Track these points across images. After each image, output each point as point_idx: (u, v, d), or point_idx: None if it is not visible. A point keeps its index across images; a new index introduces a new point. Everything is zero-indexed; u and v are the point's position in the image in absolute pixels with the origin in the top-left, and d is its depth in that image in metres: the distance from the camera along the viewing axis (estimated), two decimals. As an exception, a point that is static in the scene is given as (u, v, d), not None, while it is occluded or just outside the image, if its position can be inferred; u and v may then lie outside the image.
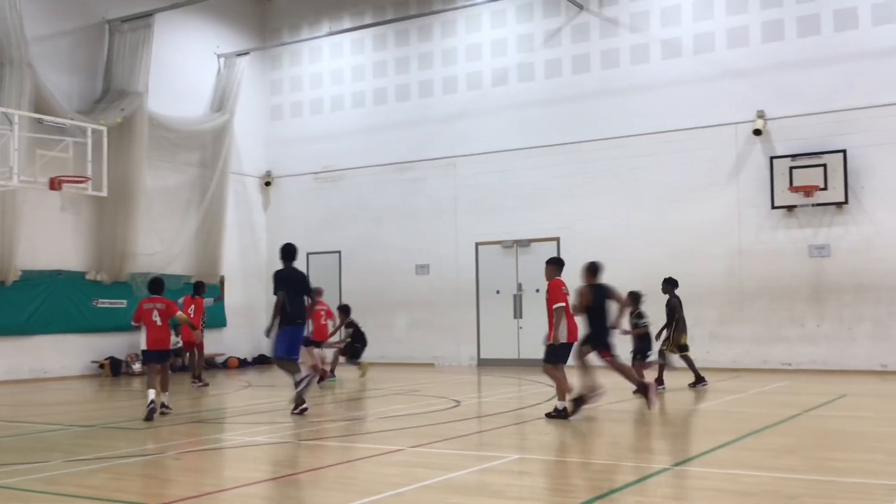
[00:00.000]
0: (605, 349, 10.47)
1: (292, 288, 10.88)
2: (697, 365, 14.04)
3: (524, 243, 19.97)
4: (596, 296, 10.39)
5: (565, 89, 19.77)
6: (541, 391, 13.85)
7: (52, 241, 18.22)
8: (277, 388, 15.57)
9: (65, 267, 18.32)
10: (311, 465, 7.79)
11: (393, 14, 21.75)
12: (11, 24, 16.94)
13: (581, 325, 10.38)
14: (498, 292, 20.28)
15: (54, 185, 14.54)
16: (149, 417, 10.56)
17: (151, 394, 10.74)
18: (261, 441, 9.26)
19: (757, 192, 17.71)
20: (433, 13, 21.26)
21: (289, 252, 11.18)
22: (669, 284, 14.11)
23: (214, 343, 21.59)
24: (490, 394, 13.90)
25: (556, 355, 10.19)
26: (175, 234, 20.79)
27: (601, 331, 10.42)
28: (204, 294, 16.16)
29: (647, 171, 18.73)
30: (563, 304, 9.98)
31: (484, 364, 20.12)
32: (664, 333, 13.59)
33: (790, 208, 17.34)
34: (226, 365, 21.27)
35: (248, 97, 22.79)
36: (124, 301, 18.89)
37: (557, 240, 19.59)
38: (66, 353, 17.10)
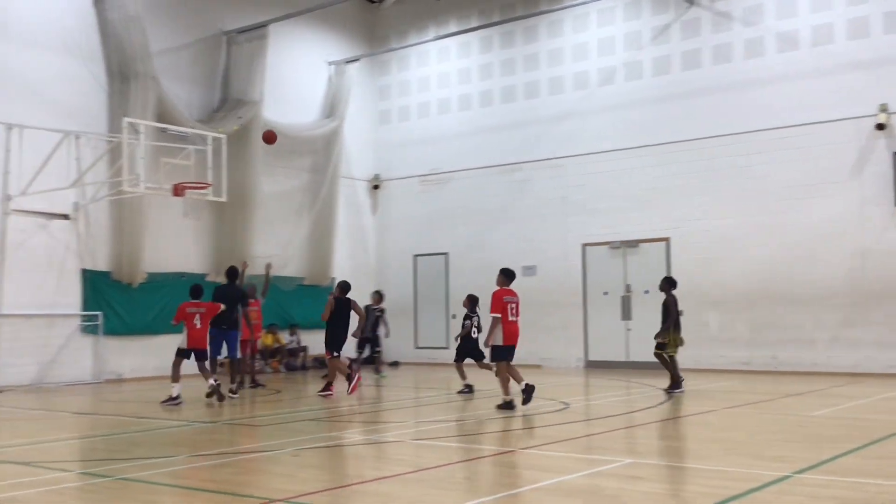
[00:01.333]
0: (328, 350, 13.60)
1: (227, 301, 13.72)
2: (816, 369, 13.54)
3: (632, 244, 19.69)
4: (338, 307, 13.47)
5: (675, 87, 19.39)
6: (651, 394, 13.65)
7: (176, 245, 19.07)
8: (388, 388, 15.86)
9: (187, 269, 19.14)
10: (424, 464, 7.92)
11: (499, 16, 21.82)
12: (137, 40, 17.82)
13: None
14: (606, 293, 20.05)
15: (177, 191, 15.24)
16: (174, 402, 12.43)
17: (176, 388, 12.56)
18: (374, 439, 9.47)
19: (880, 189, 16.94)
20: (539, 14, 21.21)
21: (231, 273, 14.28)
22: (668, 284, 14.02)
23: (320, 343, 22.10)
24: (599, 396, 13.78)
25: (499, 356, 11.43)
26: (289, 237, 21.44)
27: (332, 335, 13.54)
28: (255, 296, 16.18)
29: (762, 168, 18.18)
30: (499, 314, 11.34)
31: (591, 366, 19.93)
32: (663, 333, 13.52)
33: (917, 206, 16.53)
34: (336, 364, 21.73)
35: (358, 103, 23.28)
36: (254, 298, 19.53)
37: (667, 240, 19.24)
38: (188, 353, 17.80)
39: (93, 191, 17.31)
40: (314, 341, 21.71)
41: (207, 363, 13.26)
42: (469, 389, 13.63)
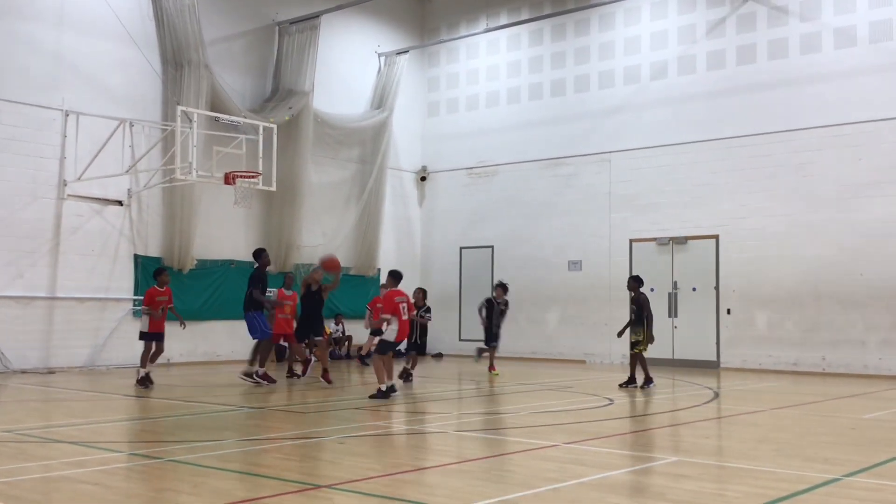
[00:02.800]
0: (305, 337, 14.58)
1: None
2: (867, 372, 13.29)
3: (681, 241, 19.48)
4: (309, 296, 14.54)
5: (728, 81, 19.11)
6: (696, 393, 13.52)
7: (225, 233, 19.35)
8: (430, 378, 15.91)
9: (236, 257, 19.41)
10: (466, 455, 7.94)
11: (550, 9, 21.70)
12: (191, 29, 18.08)
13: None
14: (652, 290, 19.80)
15: (229, 179, 15.45)
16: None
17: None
18: (417, 430, 9.52)
19: (939, 189, 16.53)
20: (591, 7, 21.05)
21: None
22: (636, 282, 14.26)
23: (365, 333, 22.25)
24: (643, 393, 13.65)
25: (385, 349, 12.29)
26: (336, 227, 21.61)
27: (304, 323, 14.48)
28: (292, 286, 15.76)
29: (815, 166, 17.85)
30: (388, 315, 12.00)
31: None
32: (636, 332, 13.89)
33: (978, 207, 16.09)
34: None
35: (406, 94, 23.34)
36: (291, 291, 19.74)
37: (716, 238, 19.00)
38: (236, 338, 18.05)
39: (146, 178, 17.63)
40: (360, 331, 21.91)
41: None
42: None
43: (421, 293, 14.89)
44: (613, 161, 20.63)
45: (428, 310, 14.97)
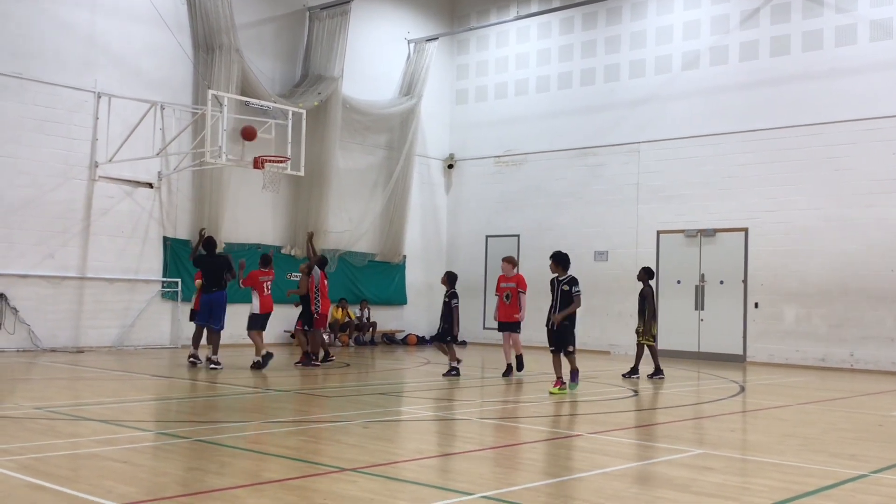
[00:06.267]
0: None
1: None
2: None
3: (709, 233, 19.33)
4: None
5: (762, 73, 18.89)
6: (722, 386, 13.44)
7: (254, 217, 19.48)
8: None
9: (263, 241, 19.55)
10: (490, 443, 7.96)
11: (581, -3, 21.56)
12: (223, 13, 18.17)
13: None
14: (679, 282, 19.76)
15: (258, 164, 15.53)
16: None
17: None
18: (441, 416, 9.55)
19: (975, 185, 16.26)
20: (622, -5, 20.88)
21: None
22: (647, 274, 14.10)
23: (394, 320, 22.37)
24: (668, 385, 13.60)
25: (255, 324, 13.84)
26: (362, 213, 21.67)
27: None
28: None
29: (849, 160, 17.62)
30: (251, 286, 13.88)
31: (661, 355, 19.56)
32: (638, 323, 14.08)
33: None
34: (405, 341, 21.98)
35: (435, 82, 23.31)
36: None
37: (745, 230, 18.84)
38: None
39: (176, 161, 17.77)
40: (384, 317, 22.00)
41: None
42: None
43: (445, 277, 14.28)
44: (642, 151, 20.49)
45: (453, 295, 14.02)
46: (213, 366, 13.34)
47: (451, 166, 24.07)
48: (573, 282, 11.62)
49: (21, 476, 5.70)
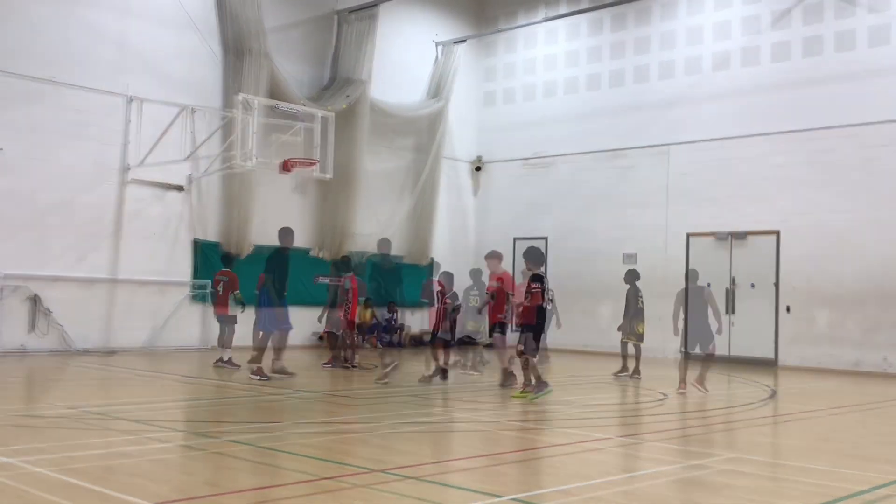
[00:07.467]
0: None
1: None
2: None
3: (740, 236, 19.13)
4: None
5: (793, 74, 18.67)
6: (753, 391, 13.29)
7: (282, 219, 19.38)
8: (485, 371, 15.88)
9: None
10: (520, 446, 7.93)
11: (610, -2, 21.45)
12: (252, 17, 18.29)
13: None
14: (708, 285, 19.43)
15: (286, 167, 15.61)
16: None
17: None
18: (470, 419, 9.52)
19: None
20: (652, -4, 20.75)
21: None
22: (632, 276, 14.99)
23: (423, 322, 22.33)
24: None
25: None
26: (390, 215, 21.68)
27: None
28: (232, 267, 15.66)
29: (884, 162, 17.35)
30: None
31: (690, 359, 19.46)
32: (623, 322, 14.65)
33: None
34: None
35: (463, 84, 23.30)
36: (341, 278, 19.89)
37: (777, 233, 18.61)
38: (292, 322, 18.26)
39: (206, 164, 17.90)
40: (412, 320, 21.98)
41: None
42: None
43: (445, 278, 14.30)
44: (672, 153, 20.32)
45: (453, 297, 13.87)
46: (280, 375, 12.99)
47: (478, 168, 24.04)
48: (535, 278, 10.89)
49: (56, 475, 5.76)
